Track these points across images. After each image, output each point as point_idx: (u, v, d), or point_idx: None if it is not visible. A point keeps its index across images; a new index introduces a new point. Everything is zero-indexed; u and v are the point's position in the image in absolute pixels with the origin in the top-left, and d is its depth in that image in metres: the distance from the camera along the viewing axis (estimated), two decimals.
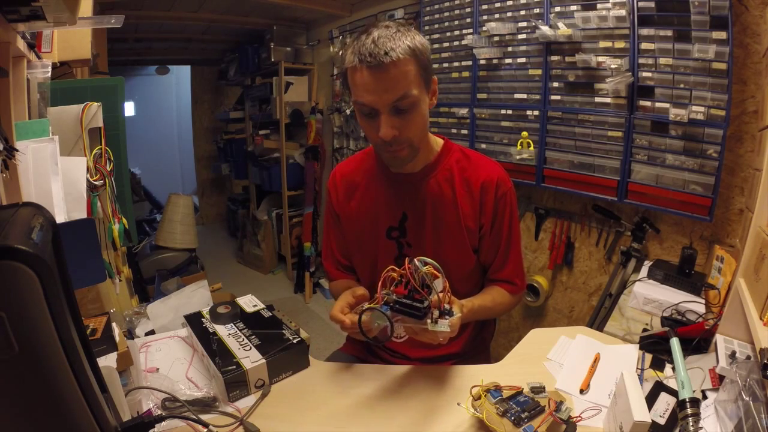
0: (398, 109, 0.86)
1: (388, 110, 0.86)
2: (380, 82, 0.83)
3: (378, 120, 0.87)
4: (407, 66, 0.84)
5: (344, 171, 1.12)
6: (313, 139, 3.43)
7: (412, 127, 0.89)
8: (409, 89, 0.85)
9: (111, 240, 1.27)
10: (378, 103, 0.85)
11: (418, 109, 0.88)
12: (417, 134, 0.92)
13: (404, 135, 0.89)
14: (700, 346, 0.95)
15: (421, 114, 0.90)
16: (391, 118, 0.87)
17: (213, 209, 5.43)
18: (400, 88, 0.84)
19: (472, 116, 2.13)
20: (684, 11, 1.44)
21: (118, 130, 1.36)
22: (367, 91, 0.85)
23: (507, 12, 1.96)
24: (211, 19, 3.28)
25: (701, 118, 1.45)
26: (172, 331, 0.99)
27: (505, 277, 1.07)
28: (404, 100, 0.85)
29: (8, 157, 0.78)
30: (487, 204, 1.01)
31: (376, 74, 0.83)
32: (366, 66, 0.82)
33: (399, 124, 0.87)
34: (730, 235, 1.51)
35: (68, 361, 0.40)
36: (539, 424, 0.65)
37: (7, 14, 0.73)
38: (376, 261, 1.06)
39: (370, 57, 0.81)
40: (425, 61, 0.88)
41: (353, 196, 1.08)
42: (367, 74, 0.83)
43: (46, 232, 0.43)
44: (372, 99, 0.85)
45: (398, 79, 0.84)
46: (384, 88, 0.84)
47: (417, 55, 0.85)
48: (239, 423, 0.72)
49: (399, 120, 0.87)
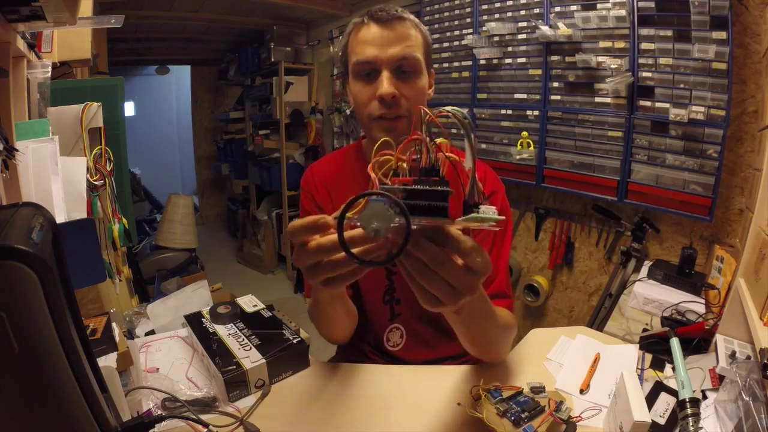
0: (402, 70, 0.84)
1: (391, 68, 0.83)
2: (387, 36, 0.82)
3: (377, 80, 0.83)
4: (415, 32, 0.85)
5: (322, 168, 1.02)
6: (313, 139, 3.43)
7: (414, 94, 0.85)
8: (415, 50, 0.84)
9: (111, 240, 1.27)
10: (381, 59, 0.82)
11: (421, 77, 0.86)
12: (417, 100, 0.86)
13: (405, 97, 0.84)
14: (700, 346, 0.95)
15: (422, 85, 0.87)
16: (394, 78, 0.83)
17: (213, 209, 5.43)
18: (408, 46, 0.83)
19: (472, 116, 2.13)
20: (684, 11, 1.44)
21: (118, 130, 1.36)
22: (372, 44, 0.82)
23: (507, 12, 1.96)
24: (211, 19, 3.28)
25: (701, 118, 1.45)
26: (172, 331, 0.99)
27: (495, 290, 0.88)
28: (409, 60, 0.83)
29: (8, 157, 0.78)
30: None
31: (384, 28, 0.82)
32: (374, 20, 0.82)
33: (400, 86, 0.84)
34: (730, 235, 1.51)
35: (68, 361, 0.40)
36: (539, 424, 0.65)
37: (7, 14, 0.73)
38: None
39: (380, 12, 0.82)
40: (428, 42, 0.88)
41: (336, 196, 0.98)
42: (374, 28, 0.83)
43: (46, 232, 0.43)
44: (375, 53, 0.82)
45: (406, 37, 0.83)
46: (391, 41, 0.82)
47: (423, 33, 0.87)
48: (239, 423, 0.72)
49: (401, 83, 0.84)
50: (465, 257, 0.45)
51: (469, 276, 0.45)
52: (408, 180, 0.44)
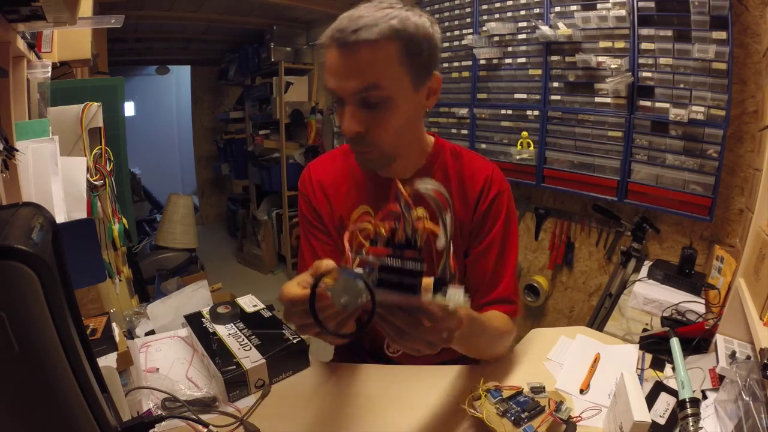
0: (366, 102, 0.71)
1: (353, 101, 0.71)
2: (345, 65, 0.69)
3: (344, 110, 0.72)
4: (383, 50, 0.68)
5: (319, 170, 0.95)
6: (313, 139, 3.43)
7: (383, 128, 0.73)
8: (379, 79, 0.69)
9: (111, 240, 1.27)
10: (342, 91, 0.71)
11: (393, 107, 0.72)
12: (389, 139, 0.74)
13: (372, 136, 0.73)
14: (700, 346, 0.95)
15: (400, 114, 0.73)
16: (358, 110, 0.71)
17: (213, 209, 5.43)
18: (367, 76, 0.69)
19: (472, 116, 2.13)
20: (684, 11, 1.44)
21: (118, 130, 1.36)
22: (332, 73, 0.71)
23: (507, 12, 1.96)
24: (211, 19, 3.28)
25: (701, 118, 1.45)
26: (172, 331, 0.99)
27: (500, 294, 0.85)
28: (372, 91, 0.69)
29: (8, 157, 0.78)
30: (480, 207, 0.87)
31: (342, 55, 0.69)
32: (336, 43, 0.69)
33: (367, 119, 0.72)
34: (730, 235, 1.51)
35: (68, 361, 0.40)
36: (539, 424, 0.65)
37: (7, 14, 0.73)
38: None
39: (338, 33, 0.68)
40: (418, 47, 0.71)
41: (334, 199, 0.92)
42: (335, 54, 0.69)
43: (46, 232, 0.43)
44: (335, 84, 0.71)
45: (367, 65, 0.68)
46: (348, 72, 0.69)
47: (404, 39, 0.69)
48: (239, 423, 0.72)
49: (367, 116, 0.72)
50: (436, 324, 0.48)
51: (442, 334, 0.49)
52: (384, 252, 0.46)
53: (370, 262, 0.46)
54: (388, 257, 0.45)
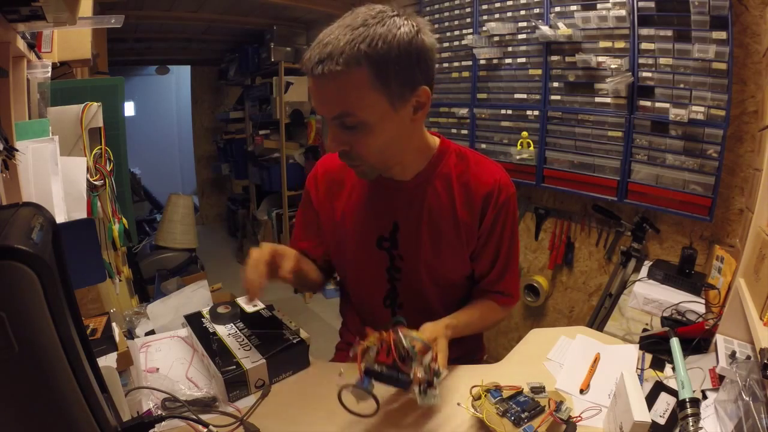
0: (345, 125, 0.73)
1: (333, 123, 0.74)
2: (318, 93, 0.72)
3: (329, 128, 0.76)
4: (350, 78, 0.68)
5: (329, 166, 0.99)
6: (313, 139, 3.43)
7: (364, 148, 0.75)
8: (349, 107, 0.70)
9: (111, 240, 1.27)
10: (321, 114, 0.75)
11: (371, 129, 0.73)
12: (373, 155, 0.77)
13: (355, 153, 0.76)
14: (700, 346, 0.95)
15: (379, 135, 0.74)
16: (339, 131, 0.74)
17: (213, 209, 5.43)
18: (337, 105, 0.71)
19: (472, 116, 2.13)
20: (684, 11, 1.44)
21: (118, 130, 1.36)
22: (313, 97, 0.74)
23: (507, 12, 1.96)
24: (211, 19, 3.28)
25: (701, 118, 1.45)
26: (172, 331, 0.99)
27: (502, 289, 0.97)
28: (346, 118, 0.72)
29: (8, 157, 0.78)
30: (488, 211, 0.90)
31: (314, 83, 0.71)
32: (308, 72, 0.70)
33: (348, 139, 0.75)
34: (730, 235, 1.51)
35: (68, 361, 0.40)
36: (539, 424, 0.65)
37: (7, 14, 0.73)
38: (363, 271, 0.99)
39: (307, 62, 0.69)
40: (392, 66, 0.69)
41: (337, 196, 0.97)
42: (309, 80, 0.72)
43: (46, 232, 0.43)
44: (315, 107, 0.75)
45: (334, 94, 0.70)
46: (321, 100, 0.73)
47: (374, 62, 0.67)
48: (239, 423, 0.72)
49: (348, 136, 0.74)
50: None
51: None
52: (388, 361, 0.67)
53: (374, 370, 0.66)
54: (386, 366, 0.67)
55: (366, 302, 1.04)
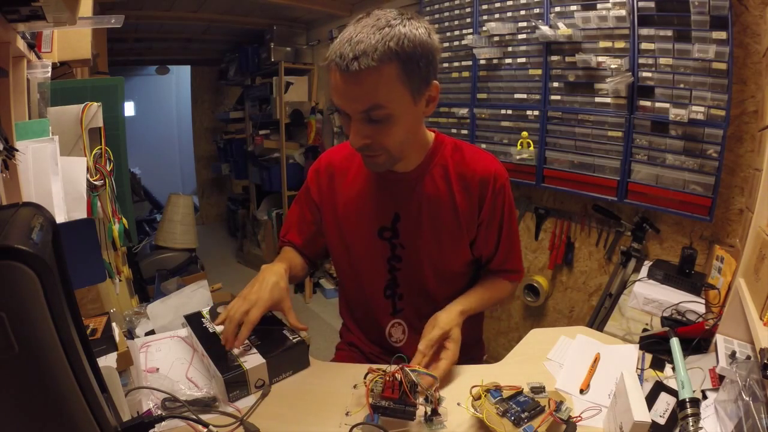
0: (371, 118, 0.78)
1: (359, 118, 0.78)
2: (349, 89, 0.76)
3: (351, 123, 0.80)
4: (383, 73, 0.74)
5: (332, 159, 1.04)
6: (313, 139, 3.43)
7: (388, 138, 0.81)
8: (381, 100, 0.76)
9: (111, 240, 1.27)
10: (348, 110, 0.79)
11: (396, 120, 0.79)
12: (395, 145, 0.83)
13: (378, 144, 0.81)
14: (700, 346, 0.95)
15: (401, 126, 0.81)
16: (363, 126, 0.79)
17: (213, 209, 5.44)
18: (370, 99, 0.76)
19: (472, 116, 2.13)
20: (684, 11, 1.44)
21: (118, 130, 1.36)
22: (338, 94, 0.78)
23: (507, 12, 1.96)
24: (211, 19, 3.28)
25: (701, 118, 1.45)
26: (172, 331, 0.99)
27: (509, 267, 1.05)
28: (376, 111, 0.77)
29: (8, 157, 0.78)
30: (486, 199, 0.95)
31: (345, 80, 0.75)
32: (337, 69, 0.74)
33: (372, 132, 0.80)
34: (730, 235, 1.51)
35: (68, 361, 0.40)
36: (539, 424, 0.65)
37: (7, 14, 0.73)
38: (364, 261, 1.01)
39: (339, 59, 0.73)
40: (416, 63, 0.76)
41: (339, 188, 1.01)
42: (338, 77, 0.75)
43: (46, 232, 0.43)
44: (340, 103, 0.79)
45: (368, 89, 0.75)
46: (352, 96, 0.76)
47: (402, 59, 0.74)
48: (239, 423, 0.72)
49: (372, 129, 0.79)
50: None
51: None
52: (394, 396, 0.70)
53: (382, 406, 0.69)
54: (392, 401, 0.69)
55: (366, 293, 1.04)
